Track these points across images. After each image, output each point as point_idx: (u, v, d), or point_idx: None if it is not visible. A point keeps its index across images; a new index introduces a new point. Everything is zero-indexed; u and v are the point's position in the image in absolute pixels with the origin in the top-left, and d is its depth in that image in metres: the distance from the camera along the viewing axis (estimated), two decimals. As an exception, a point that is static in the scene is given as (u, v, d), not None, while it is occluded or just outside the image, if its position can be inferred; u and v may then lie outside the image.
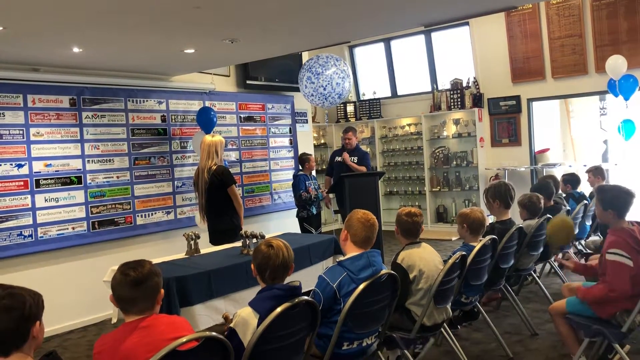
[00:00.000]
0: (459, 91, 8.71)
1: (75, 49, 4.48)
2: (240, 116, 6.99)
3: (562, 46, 7.73)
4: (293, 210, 7.00)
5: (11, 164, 4.88)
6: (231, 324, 2.36)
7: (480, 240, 3.59)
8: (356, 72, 10.15)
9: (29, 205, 4.97)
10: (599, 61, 7.33)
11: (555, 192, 5.33)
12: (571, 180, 5.99)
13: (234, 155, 6.86)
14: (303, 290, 2.48)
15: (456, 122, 8.82)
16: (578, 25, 7.56)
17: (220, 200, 4.87)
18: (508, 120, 8.41)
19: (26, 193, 4.96)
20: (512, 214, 4.32)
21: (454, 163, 8.86)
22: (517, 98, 8.26)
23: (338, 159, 7.05)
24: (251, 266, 2.52)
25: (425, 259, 3.18)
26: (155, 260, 3.51)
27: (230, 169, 5.19)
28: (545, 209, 4.69)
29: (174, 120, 6.22)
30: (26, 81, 4.98)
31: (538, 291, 4.86)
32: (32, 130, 5.02)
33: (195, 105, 6.42)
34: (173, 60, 5.35)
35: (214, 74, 6.59)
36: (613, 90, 6.93)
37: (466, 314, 3.74)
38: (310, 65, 6.64)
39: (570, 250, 4.94)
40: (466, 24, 8.47)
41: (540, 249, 4.42)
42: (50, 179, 5.12)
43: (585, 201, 5.47)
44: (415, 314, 3.12)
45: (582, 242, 5.74)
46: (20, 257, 4.90)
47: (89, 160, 5.42)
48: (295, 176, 6.72)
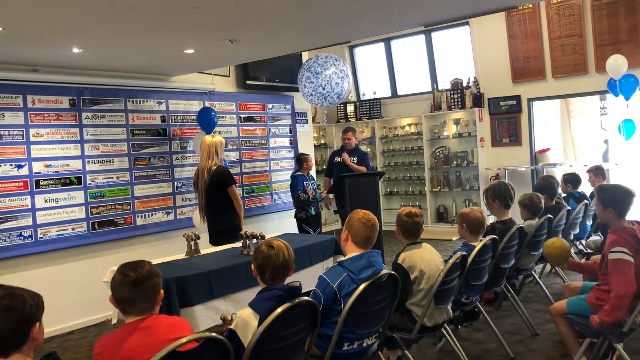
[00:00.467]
0: (459, 91, 8.71)
1: (75, 50, 4.48)
2: (240, 116, 6.99)
3: (563, 46, 7.73)
4: (293, 211, 6.99)
5: (11, 165, 4.87)
6: (231, 325, 2.36)
7: (481, 240, 3.58)
8: (356, 72, 10.15)
9: (29, 206, 4.96)
10: (599, 61, 7.33)
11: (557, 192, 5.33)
12: (572, 180, 5.99)
13: (234, 156, 6.85)
14: (303, 291, 2.48)
15: (456, 122, 8.82)
16: (578, 25, 7.55)
17: (220, 200, 4.86)
18: (508, 120, 8.40)
19: (26, 194, 4.95)
20: (513, 213, 4.31)
21: (455, 163, 8.86)
22: (518, 98, 8.25)
23: (337, 160, 7.04)
24: (251, 266, 2.52)
25: (426, 259, 3.17)
26: (155, 261, 3.51)
27: (230, 169, 5.19)
28: (546, 208, 4.68)
29: (173, 121, 6.21)
30: (26, 82, 4.98)
31: (539, 291, 4.85)
32: (32, 131, 5.01)
33: (195, 105, 6.41)
34: (173, 61, 5.35)
35: (213, 74, 6.59)
36: (613, 89, 6.92)
37: (467, 314, 3.74)
38: (309, 65, 6.64)
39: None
40: (466, 23, 8.47)
41: (541, 249, 4.41)
42: (50, 179, 5.12)
43: (585, 201, 5.46)
44: (415, 315, 3.12)
45: (583, 242, 5.73)
46: (20, 258, 4.89)
47: (88, 161, 5.41)
48: (293, 177, 6.69)
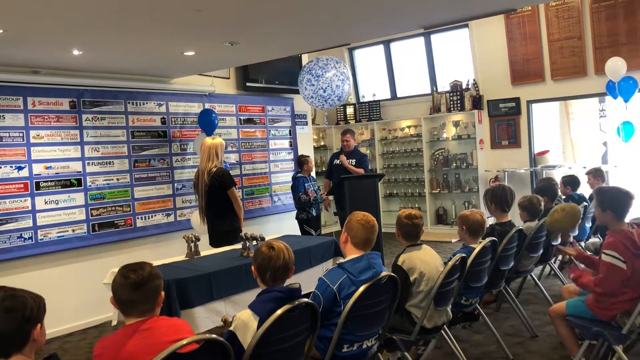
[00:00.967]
0: (458, 93, 8.72)
1: (76, 52, 4.49)
2: (240, 118, 6.99)
3: (562, 48, 7.74)
4: (293, 212, 6.99)
5: (11, 167, 4.88)
6: (231, 327, 2.36)
7: (480, 242, 3.59)
8: (356, 74, 10.16)
9: (29, 208, 4.97)
10: (598, 63, 7.34)
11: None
12: (571, 182, 5.99)
13: (233, 158, 6.86)
14: (303, 293, 2.48)
15: (456, 124, 8.83)
16: (577, 28, 7.57)
17: (220, 202, 4.87)
18: (508, 122, 8.42)
19: (26, 195, 4.96)
20: (512, 215, 4.32)
21: (454, 165, 8.86)
22: (517, 100, 8.27)
23: (337, 162, 7.05)
24: (252, 268, 2.52)
25: (426, 261, 3.18)
26: (155, 263, 3.52)
27: (230, 171, 5.19)
28: (546, 210, 4.69)
29: (174, 123, 6.22)
30: (26, 84, 4.99)
31: (538, 293, 4.86)
32: (32, 133, 5.02)
33: (195, 107, 6.42)
34: (173, 63, 5.35)
35: (214, 76, 6.60)
36: (612, 92, 6.93)
37: (466, 314, 3.75)
38: (310, 68, 6.64)
39: (571, 237, 4.86)
40: (466, 26, 8.48)
41: (540, 251, 4.42)
42: (50, 181, 5.13)
43: (585, 203, 5.47)
44: (415, 316, 3.12)
45: (582, 244, 5.74)
46: (20, 260, 4.90)
47: (89, 163, 5.42)
48: (295, 178, 6.71)
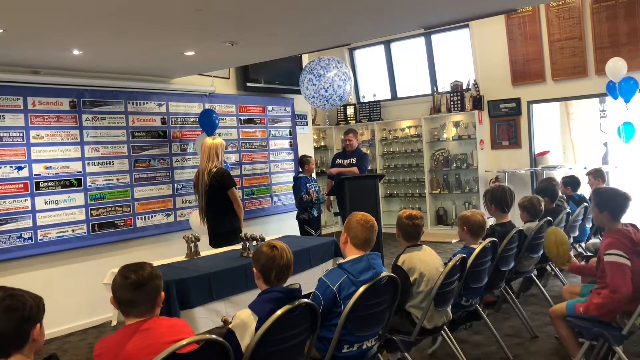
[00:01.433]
0: (459, 93, 8.71)
1: (76, 52, 4.48)
2: (240, 118, 6.99)
3: (562, 48, 7.74)
4: (293, 213, 6.99)
5: (11, 167, 4.88)
6: (230, 325, 2.36)
7: (481, 242, 3.58)
8: (356, 75, 10.16)
9: (29, 208, 4.96)
10: (598, 63, 7.34)
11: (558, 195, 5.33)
12: (571, 182, 5.99)
13: (234, 158, 6.86)
14: (303, 293, 2.48)
15: (456, 125, 8.83)
16: (578, 28, 7.57)
17: (220, 202, 4.86)
18: (508, 123, 8.41)
19: (26, 195, 4.95)
20: (513, 216, 4.32)
21: (454, 165, 8.86)
22: (517, 100, 8.26)
23: (339, 162, 7.06)
24: (253, 269, 2.51)
25: (426, 261, 3.17)
26: (155, 263, 3.51)
27: (230, 172, 5.19)
28: (546, 210, 4.69)
29: (174, 123, 6.22)
30: (26, 83, 4.98)
31: (538, 294, 4.85)
32: (32, 133, 5.02)
33: (196, 107, 6.42)
34: (173, 63, 5.35)
35: (214, 77, 6.59)
36: (612, 92, 6.93)
37: (470, 314, 3.75)
38: (311, 68, 6.64)
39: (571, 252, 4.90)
40: (466, 26, 8.48)
41: (541, 252, 4.42)
42: (50, 181, 5.12)
43: (585, 204, 5.46)
44: (415, 317, 3.12)
45: (582, 245, 5.74)
46: (20, 260, 4.89)
47: (89, 163, 5.42)
48: (296, 178, 6.71)
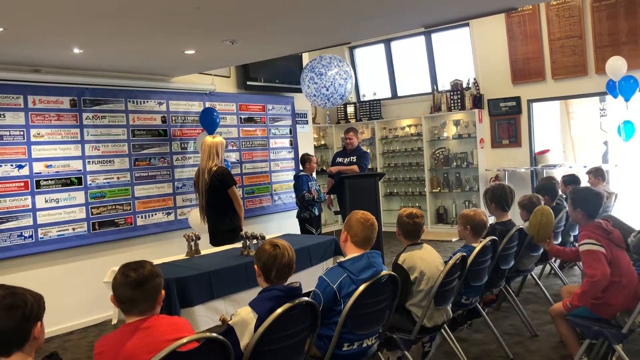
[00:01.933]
0: (459, 92, 8.71)
1: (76, 50, 4.48)
2: (240, 117, 6.99)
3: (562, 47, 7.73)
4: (293, 211, 6.99)
5: (12, 165, 4.88)
6: (230, 322, 2.37)
7: (481, 241, 3.59)
8: (356, 73, 10.15)
9: (30, 206, 4.97)
10: (599, 62, 7.33)
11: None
12: (571, 181, 5.97)
13: (234, 156, 6.86)
14: (303, 291, 2.48)
15: (456, 123, 8.83)
16: (578, 27, 7.56)
17: (221, 201, 4.86)
18: (508, 122, 8.41)
19: (26, 194, 4.96)
20: (513, 214, 4.32)
21: (454, 164, 8.86)
22: (517, 99, 8.26)
23: (340, 160, 7.06)
24: (254, 267, 2.52)
25: (426, 260, 3.18)
26: (155, 261, 3.51)
27: (231, 170, 5.20)
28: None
29: (174, 121, 6.22)
30: (27, 82, 4.98)
31: (538, 292, 4.86)
32: (33, 131, 5.02)
33: (196, 106, 6.42)
34: (173, 61, 5.35)
35: (214, 75, 6.59)
36: (612, 91, 6.93)
37: (470, 311, 3.75)
38: (312, 66, 6.63)
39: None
40: (466, 25, 8.47)
41: (541, 250, 4.42)
42: (51, 179, 5.13)
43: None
44: (415, 315, 3.12)
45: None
46: (21, 258, 4.90)
47: (89, 161, 5.42)
48: (298, 177, 6.71)
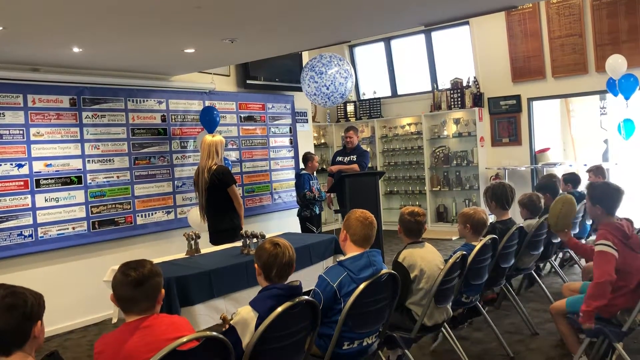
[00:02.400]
0: (459, 90, 8.71)
1: (75, 49, 4.48)
2: (240, 116, 6.99)
3: (563, 45, 7.73)
4: (293, 210, 6.99)
5: (11, 164, 4.87)
6: (231, 322, 2.37)
7: (481, 239, 3.58)
8: (356, 72, 10.14)
9: (29, 205, 4.97)
10: (599, 60, 7.33)
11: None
12: (572, 179, 5.98)
13: (234, 155, 6.86)
14: (303, 290, 2.48)
15: (456, 122, 8.82)
16: (578, 25, 7.55)
17: (221, 200, 4.86)
18: (508, 120, 8.40)
19: (26, 193, 4.95)
20: (513, 213, 4.32)
21: (454, 162, 8.86)
22: (518, 97, 8.25)
23: (340, 159, 7.06)
24: (255, 266, 2.51)
25: (426, 258, 3.18)
26: (155, 260, 3.51)
27: (231, 169, 5.19)
28: (546, 207, 4.68)
29: (174, 120, 6.21)
30: (26, 81, 4.98)
31: (538, 291, 4.86)
32: (32, 130, 5.01)
33: (196, 105, 6.42)
34: (173, 60, 5.35)
35: (214, 74, 6.59)
36: (612, 89, 6.92)
37: (470, 310, 3.75)
38: (312, 65, 6.63)
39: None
40: (466, 23, 8.46)
41: (541, 249, 4.42)
42: (51, 178, 5.12)
43: (585, 201, 5.46)
44: (415, 314, 3.12)
45: (583, 241, 5.72)
46: (21, 257, 4.90)
47: (89, 160, 5.42)
48: (299, 175, 6.71)
